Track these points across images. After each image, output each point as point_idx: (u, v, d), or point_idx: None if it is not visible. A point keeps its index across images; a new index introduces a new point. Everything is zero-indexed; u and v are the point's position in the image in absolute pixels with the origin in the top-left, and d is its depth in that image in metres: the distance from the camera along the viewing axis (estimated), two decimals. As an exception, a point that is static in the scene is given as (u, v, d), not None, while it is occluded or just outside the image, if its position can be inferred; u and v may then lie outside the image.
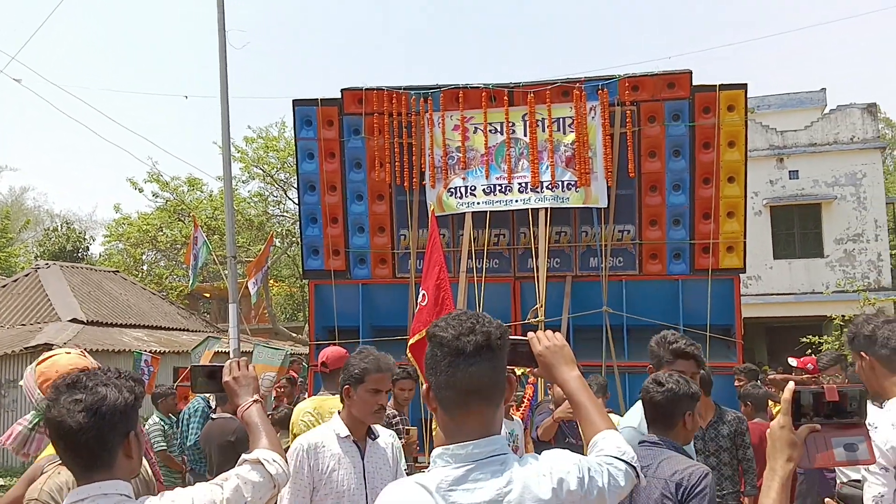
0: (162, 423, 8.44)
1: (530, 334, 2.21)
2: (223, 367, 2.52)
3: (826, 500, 5.30)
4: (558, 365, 2.15)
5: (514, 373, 2.09)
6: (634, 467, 1.98)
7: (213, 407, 7.10)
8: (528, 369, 2.27)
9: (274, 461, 2.23)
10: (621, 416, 7.47)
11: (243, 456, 2.23)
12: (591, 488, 1.85)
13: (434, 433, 5.35)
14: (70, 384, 1.99)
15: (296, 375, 10.78)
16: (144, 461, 2.86)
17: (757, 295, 20.29)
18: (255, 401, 2.42)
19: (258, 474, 2.18)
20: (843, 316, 16.60)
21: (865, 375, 2.91)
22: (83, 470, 1.98)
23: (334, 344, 7.88)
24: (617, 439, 2.05)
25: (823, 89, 24.36)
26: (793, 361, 7.59)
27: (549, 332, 2.23)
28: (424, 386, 1.90)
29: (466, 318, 1.87)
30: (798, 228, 21.34)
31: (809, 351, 15.60)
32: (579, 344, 8.15)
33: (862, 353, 2.90)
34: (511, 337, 2.05)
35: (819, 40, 75.81)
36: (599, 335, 8.07)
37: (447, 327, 1.85)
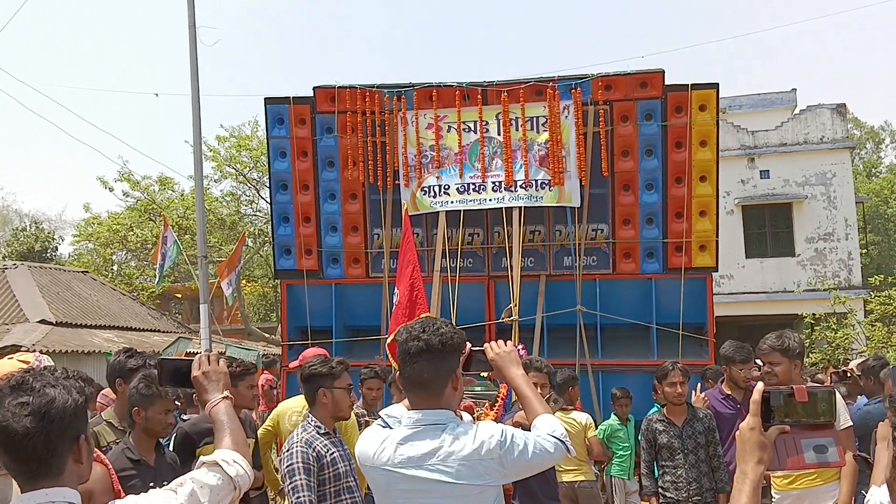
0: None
1: (486, 345, 2.77)
2: (192, 361, 2.40)
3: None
4: (507, 366, 2.70)
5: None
6: (563, 442, 2.50)
7: (181, 408, 6.99)
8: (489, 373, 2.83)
9: (234, 462, 2.12)
10: (595, 412, 7.52)
11: (201, 458, 2.13)
12: (512, 449, 2.40)
13: None
14: (15, 386, 1.84)
15: (272, 378, 10.60)
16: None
17: (729, 294, 20.46)
18: (224, 397, 2.32)
19: (215, 476, 2.07)
20: (814, 314, 16.83)
21: None
22: (30, 478, 1.83)
23: (311, 345, 7.81)
24: (550, 421, 2.57)
25: (794, 90, 24.63)
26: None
27: (500, 341, 2.81)
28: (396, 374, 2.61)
29: (420, 326, 2.49)
30: (769, 227, 21.55)
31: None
32: (553, 343, 8.15)
33: None
34: (474, 348, 2.67)
35: (789, 41, 76.74)
36: (573, 334, 8.08)
37: (403, 332, 2.51)
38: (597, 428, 7.07)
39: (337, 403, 4.02)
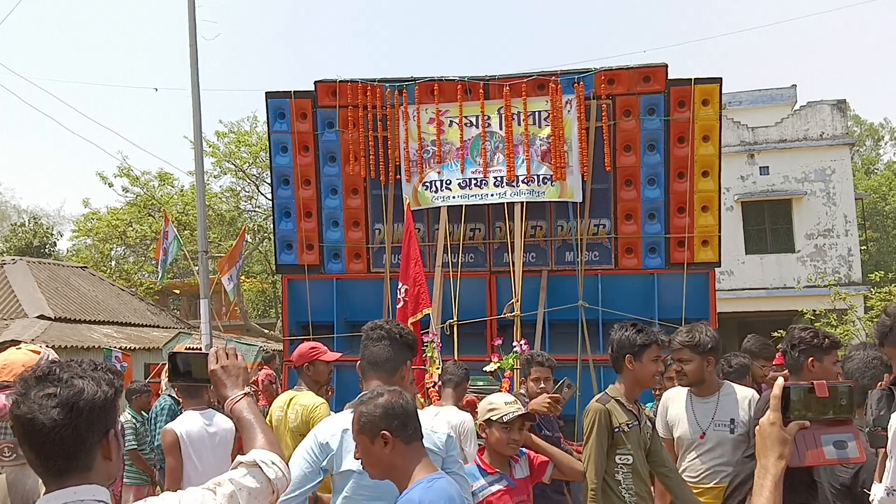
0: (134, 420, 8.29)
1: None
2: (207, 354, 2.24)
3: None
4: None
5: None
6: None
7: (180, 403, 6.96)
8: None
9: (273, 463, 1.99)
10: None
11: (238, 458, 1.99)
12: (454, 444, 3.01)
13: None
14: (41, 376, 1.74)
15: (272, 373, 10.60)
16: None
17: (729, 290, 20.46)
18: (245, 394, 2.17)
19: (255, 479, 1.94)
20: (815, 310, 16.83)
21: None
22: (56, 475, 1.72)
23: (307, 339, 7.78)
24: None
25: (794, 86, 24.62)
26: None
27: None
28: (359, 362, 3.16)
29: (381, 321, 3.30)
30: (769, 224, 21.55)
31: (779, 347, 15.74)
32: (555, 338, 8.12)
33: None
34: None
35: (790, 37, 76.72)
36: (575, 329, 8.04)
37: (367, 327, 3.29)
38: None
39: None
